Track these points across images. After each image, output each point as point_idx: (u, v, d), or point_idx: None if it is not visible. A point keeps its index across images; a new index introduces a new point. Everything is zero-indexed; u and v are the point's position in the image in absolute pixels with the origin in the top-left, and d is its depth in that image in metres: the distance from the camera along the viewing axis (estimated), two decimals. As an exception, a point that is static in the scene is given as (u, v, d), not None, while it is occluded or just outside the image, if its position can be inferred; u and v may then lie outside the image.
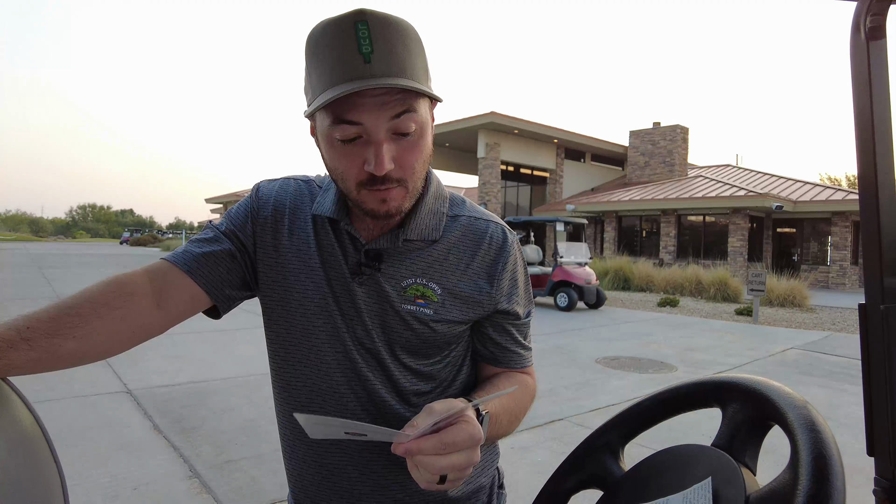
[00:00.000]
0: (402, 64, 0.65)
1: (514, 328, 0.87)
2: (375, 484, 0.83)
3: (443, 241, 0.82)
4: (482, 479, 0.93)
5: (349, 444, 0.81)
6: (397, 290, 0.79)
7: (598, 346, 7.09)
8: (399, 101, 0.66)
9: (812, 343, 7.77)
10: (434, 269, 0.81)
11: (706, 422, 3.37)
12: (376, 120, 0.66)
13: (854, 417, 4.28)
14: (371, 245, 0.79)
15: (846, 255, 18.23)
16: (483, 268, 0.83)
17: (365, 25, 0.63)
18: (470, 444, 0.61)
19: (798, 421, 0.50)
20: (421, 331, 0.80)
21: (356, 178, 0.70)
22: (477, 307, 0.82)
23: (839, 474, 0.45)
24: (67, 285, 12.50)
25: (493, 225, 0.86)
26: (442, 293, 0.80)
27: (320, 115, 0.69)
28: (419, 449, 0.59)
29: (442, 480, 0.61)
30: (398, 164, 0.69)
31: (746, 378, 0.61)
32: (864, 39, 0.75)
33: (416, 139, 0.70)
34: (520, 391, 0.84)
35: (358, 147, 0.68)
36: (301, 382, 0.84)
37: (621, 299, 13.30)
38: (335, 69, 0.64)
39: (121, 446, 3.32)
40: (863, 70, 0.76)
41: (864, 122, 0.75)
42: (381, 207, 0.71)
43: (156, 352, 5.88)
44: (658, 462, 0.65)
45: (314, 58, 0.67)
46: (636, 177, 26.42)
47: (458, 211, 0.86)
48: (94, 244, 60.95)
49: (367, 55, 0.63)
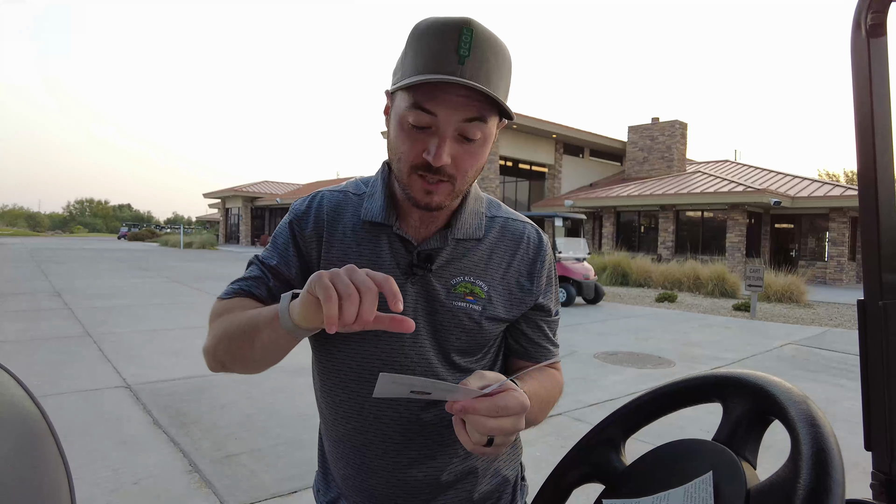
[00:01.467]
0: (490, 76, 0.70)
1: (546, 324, 0.92)
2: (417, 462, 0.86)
3: (485, 241, 0.87)
4: (508, 471, 0.97)
5: (390, 426, 0.85)
6: (447, 289, 0.84)
7: (597, 341, 7.11)
8: (475, 108, 0.71)
9: (809, 338, 7.80)
10: (480, 268, 0.86)
11: (705, 417, 3.39)
12: (449, 116, 0.71)
13: (851, 412, 4.30)
14: (423, 246, 0.83)
15: (844, 250, 18.27)
16: (524, 266, 0.89)
17: (470, 32, 0.69)
18: (519, 411, 0.65)
19: (798, 416, 0.51)
20: (470, 327, 0.84)
21: (412, 162, 0.74)
22: (520, 304, 0.88)
23: (839, 468, 0.45)
24: (64, 279, 12.50)
25: (528, 226, 0.92)
26: (489, 290, 0.85)
27: (401, 95, 0.73)
28: (474, 408, 0.63)
29: (489, 444, 0.65)
30: (454, 163, 0.74)
31: (747, 373, 0.61)
32: (864, 37, 0.76)
33: (477, 148, 0.75)
34: (549, 383, 0.88)
35: (424, 135, 0.73)
36: (347, 382, 0.86)
37: (619, 294, 13.32)
38: (430, 59, 0.69)
39: (121, 441, 3.33)
40: (863, 67, 0.76)
41: (865, 120, 0.76)
42: (425, 199, 0.76)
43: (154, 347, 5.89)
44: (659, 456, 0.65)
45: (415, 43, 0.71)
46: (635, 172, 26.42)
47: (494, 212, 0.91)
48: (91, 239, 60.85)
49: (462, 58, 0.68)
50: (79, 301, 9.14)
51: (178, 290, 11.35)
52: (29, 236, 66.42)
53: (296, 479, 2.91)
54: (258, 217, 40.90)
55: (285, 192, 38.86)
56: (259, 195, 39.37)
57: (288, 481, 2.88)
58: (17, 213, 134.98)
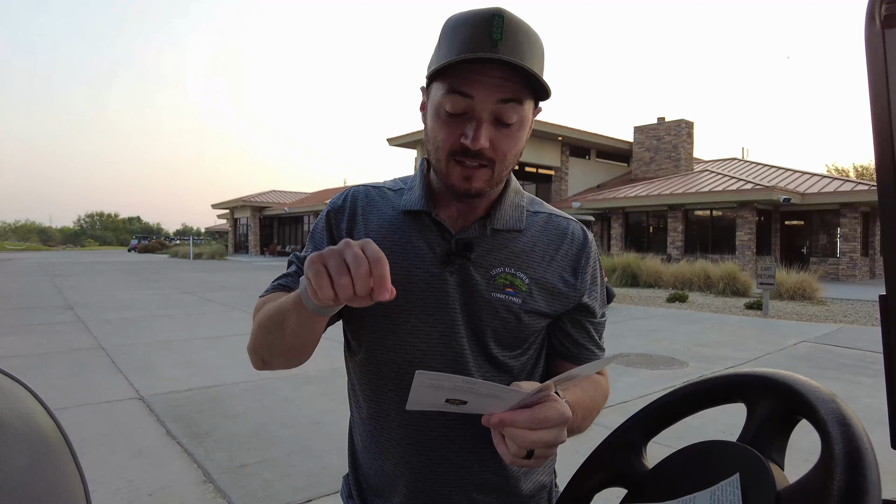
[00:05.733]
0: (523, 58, 0.70)
1: (591, 325, 0.89)
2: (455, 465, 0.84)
3: (527, 234, 0.86)
4: (544, 477, 0.95)
5: (433, 419, 0.83)
6: (486, 279, 0.81)
7: (609, 344, 6.95)
8: (511, 89, 0.71)
9: (824, 336, 7.71)
10: (521, 260, 0.84)
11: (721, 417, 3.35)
12: (486, 98, 0.71)
13: (871, 409, 4.24)
14: (460, 234, 0.82)
15: (856, 246, 18.07)
16: (567, 261, 0.87)
17: (501, 19, 0.70)
18: (559, 422, 0.63)
19: (829, 415, 0.49)
20: (508, 319, 0.82)
21: (450, 148, 0.74)
22: (563, 299, 0.85)
23: (874, 468, 0.44)
24: (76, 293, 12.60)
25: (572, 223, 0.91)
26: (530, 283, 0.83)
27: (436, 86, 0.74)
28: (512, 421, 0.62)
29: (528, 456, 0.63)
30: (492, 147, 0.74)
31: (773, 372, 0.60)
32: (879, 28, 0.74)
33: (514, 131, 0.75)
34: (592, 389, 0.85)
35: (461, 121, 0.73)
36: (387, 374, 0.84)
37: (630, 296, 13.24)
38: (464, 45, 0.70)
39: (135, 453, 3.34)
40: (879, 59, 0.74)
41: (881, 112, 0.74)
42: (464, 185, 0.76)
43: (167, 358, 5.92)
44: (682, 459, 0.64)
45: (448, 34, 0.73)
46: (642, 172, 26.32)
47: (537, 208, 0.91)
48: (102, 252, 61.38)
49: (496, 41, 0.69)
50: (91, 314, 9.21)
51: (188, 301, 11.40)
52: (41, 251, 67.17)
53: (310, 487, 2.90)
54: (267, 226, 41.10)
55: (293, 202, 39.04)
56: (267, 205, 39.58)
57: (302, 490, 2.87)
58: (29, 227, 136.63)
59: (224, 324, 8.38)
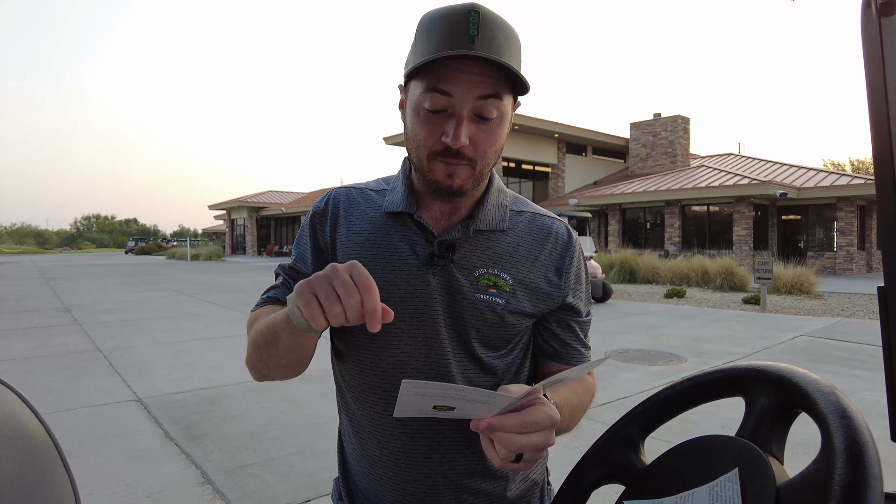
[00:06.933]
0: (500, 53, 0.70)
1: (577, 325, 0.89)
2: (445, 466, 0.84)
3: (511, 234, 0.85)
4: (536, 475, 0.95)
5: (419, 431, 0.82)
6: (470, 280, 0.81)
7: (607, 340, 7.06)
8: (489, 85, 0.71)
9: (821, 330, 7.73)
10: (505, 260, 0.83)
11: (718, 412, 3.37)
12: (465, 95, 0.71)
13: (868, 403, 4.25)
14: (443, 236, 0.81)
15: (852, 240, 18.12)
16: (551, 261, 0.86)
17: (477, 14, 0.69)
18: (549, 425, 0.63)
19: (828, 407, 0.48)
20: (492, 320, 0.82)
21: (431, 148, 0.74)
22: (547, 299, 0.85)
23: (875, 461, 0.43)
24: (73, 295, 12.55)
25: (557, 222, 0.90)
26: (513, 283, 0.82)
27: (414, 83, 0.73)
28: (501, 425, 0.61)
29: (517, 459, 0.62)
30: (473, 145, 0.74)
31: (771, 365, 0.59)
32: (875, 16, 0.73)
33: (495, 127, 0.74)
34: (581, 388, 0.85)
35: (441, 119, 0.73)
36: (372, 378, 0.84)
37: (628, 292, 13.26)
38: (441, 42, 0.69)
39: (133, 455, 3.32)
40: (875, 47, 0.74)
41: (878, 101, 0.74)
42: (447, 182, 0.75)
43: (164, 360, 5.90)
44: (681, 454, 0.63)
45: (423, 32, 0.72)
46: (638, 169, 26.33)
47: (522, 207, 0.90)
48: (99, 254, 61.20)
49: (472, 37, 0.69)
50: (88, 316, 9.17)
51: (186, 303, 11.37)
52: (37, 253, 66.88)
53: (309, 488, 2.89)
54: (264, 227, 41.02)
55: (290, 202, 38.98)
56: (264, 205, 39.50)
57: (301, 491, 2.86)
58: (26, 230, 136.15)
59: (222, 325, 8.36)
